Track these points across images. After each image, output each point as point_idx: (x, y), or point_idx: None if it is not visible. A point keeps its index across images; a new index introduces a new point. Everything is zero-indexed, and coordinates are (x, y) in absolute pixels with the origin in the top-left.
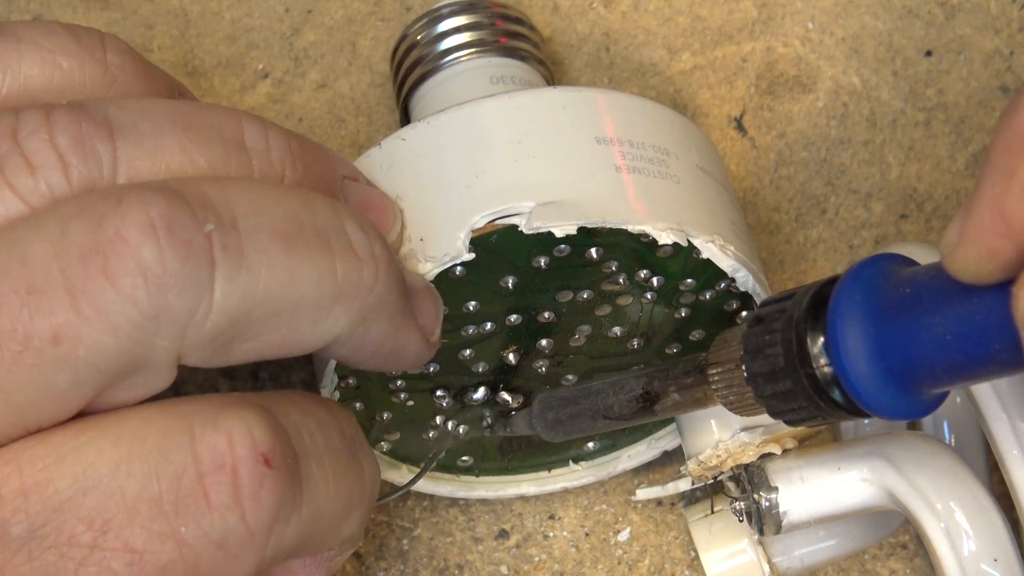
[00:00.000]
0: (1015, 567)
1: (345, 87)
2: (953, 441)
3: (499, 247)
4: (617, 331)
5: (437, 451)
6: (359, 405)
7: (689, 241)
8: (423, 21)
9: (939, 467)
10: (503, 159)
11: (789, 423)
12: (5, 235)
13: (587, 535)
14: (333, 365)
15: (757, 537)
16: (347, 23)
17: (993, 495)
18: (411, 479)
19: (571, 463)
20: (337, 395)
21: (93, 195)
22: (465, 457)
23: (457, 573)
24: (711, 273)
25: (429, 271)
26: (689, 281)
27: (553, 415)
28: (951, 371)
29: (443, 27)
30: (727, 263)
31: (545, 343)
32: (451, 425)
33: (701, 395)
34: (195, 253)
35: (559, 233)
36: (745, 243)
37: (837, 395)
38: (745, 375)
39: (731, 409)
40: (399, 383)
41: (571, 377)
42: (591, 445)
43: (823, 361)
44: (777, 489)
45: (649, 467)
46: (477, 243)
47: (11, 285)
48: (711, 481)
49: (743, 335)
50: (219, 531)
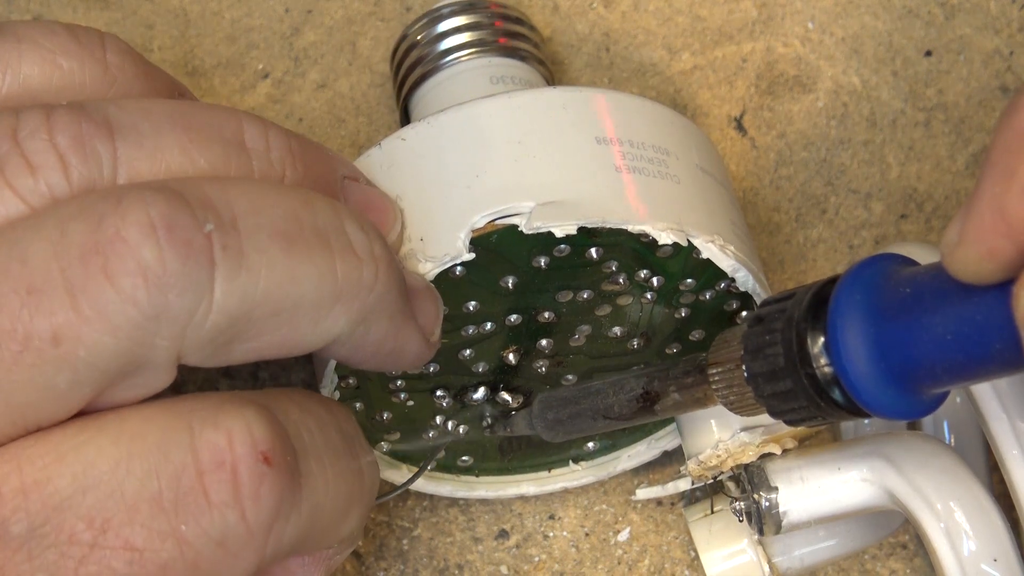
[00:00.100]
0: (1015, 567)
1: (345, 87)
2: (953, 441)
3: (499, 247)
4: (617, 331)
5: (435, 450)
6: (359, 405)
7: (689, 241)
8: (423, 21)
9: (939, 467)
10: (503, 159)
11: (789, 423)
12: (5, 235)
13: (587, 535)
14: (333, 365)
15: (757, 537)
16: (347, 23)
17: (993, 495)
18: (409, 478)
19: (571, 463)
20: (337, 395)
21: (93, 195)
22: (465, 457)
23: (457, 573)
24: (711, 273)
25: (429, 271)
26: (689, 281)
27: (553, 415)
28: (951, 371)
29: (443, 27)
30: (727, 263)
31: (545, 343)
32: (451, 425)
33: (701, 395)
34: (195, 253)
35: (559, 233)
36: (745, 243)
37: (837, 395)
38: (745, 375)
39: (731, 409)
40: (399, 383)
41: (571, 377)
42: (591, 445)
43: (823, 361)
44: (777, 489)
45: (649, 467)
46: (477, 243)
47: (11, 285)
48: (711, 481)
49: (743, 335)
50: (219, 529)
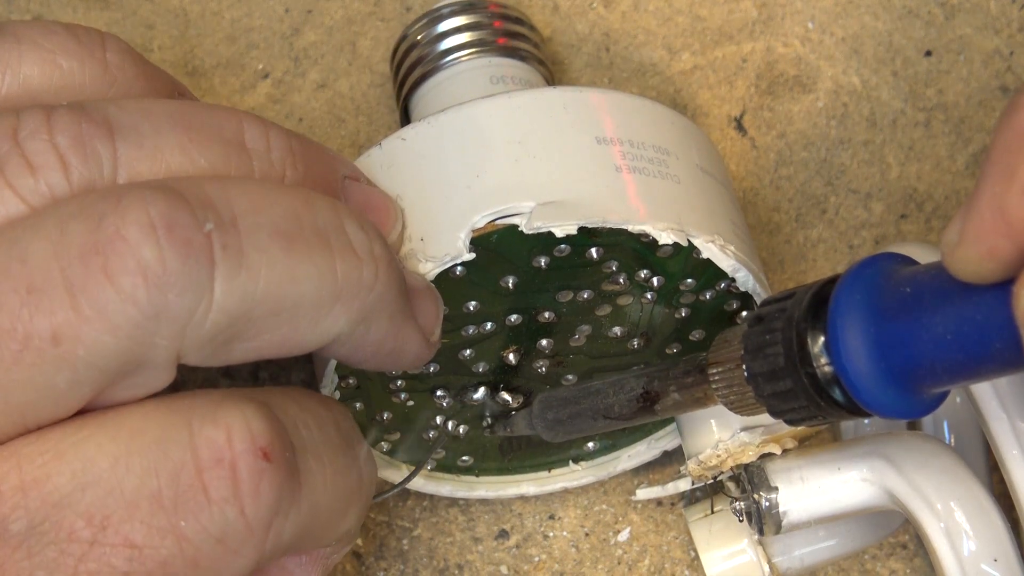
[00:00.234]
0: (1015, 567)
1: (345, 87)
2: (953, 441)
3: (499, 247)
4: (617, 331)
5: (432, 448)
6: (359, 405)
7: (689, 241)
8: (423, 21)
9: (939, 467)
10: (503, 159)
11: (789, 423)
12: (5, 234)
13: (587, 535)
14: (333, 365)
15: (757, 537)
16: (347, 23)
17: (993, 495)
18: (406, 476)
19: (571, 463)
20: (337, 395)
21: (93, 194)
22: (465, 457)
23: (457, 573)
24: (711, 273)
25: (429, 271)
26: (689, 281)
27: (553, 415)
28: (951, 370)
29: (443, 27)
30: (727, 263)
31: (545, 343)
32: (451, 425)
33: (701, 395)
34: (195, 252)
35: (559, 233)
36: (745, 243)
37: (837, 394)
38: (745, 375)
39: (731, 409)
40: (399, 383)
41: (571, 377)
42: (591, 445)
43: (823, 360)
44: (777, 489)
45: (649, 467)
46: (477, 243)
47: (11, 284)
48: (711, 481)
49: (743, 335)
50: (218, 526)
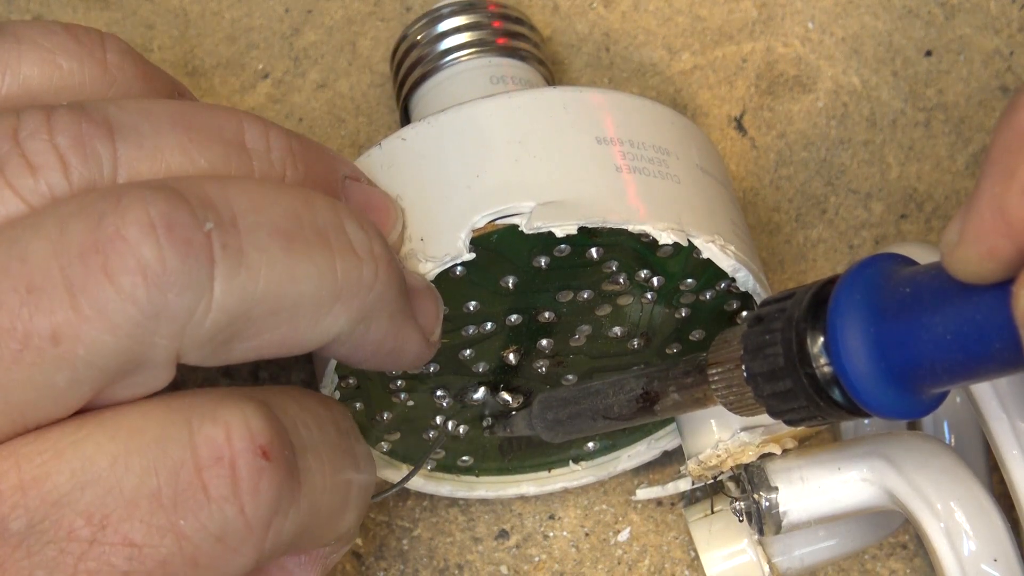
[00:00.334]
0: (1015, 567)
1: (345, 87)
2: (953, 441)
3: (499, 247)
4: (617, 331)
5: (432, 448)
6: (359, 405)
7: (689, 241)
8: (423, 21)
9: (939, 467)
10: (503, 159)
11: (789, 423)
12: (5, 233)
13: (587, 535)
14: (334, 365)
15: (757, 537)
16: (347, 23)
17: (993, 495)
18: (405, 476)
19: (571, 463)
20: (337, 395)
21: (93, 194)
22: (465, 457)
23: (457, 573)
24: (711, 273)
25: (429, 271)
26: (689, 281)
27: (553, 415)
28: (951, 370)
29: (443, 27)
30: (727, 263)
31: (545, 343)
32: (451, 425)
33: (701, 395)
34: (195, 252)
35: (559, 233)
36: (745, 243)
37: (837, 395)
38: (745, 375)
39: (731, 409)
40: (399, 383)
41: (571, 377)
42: (591, 445)
43: (823, 360)
44: (777, 489)
45: (649, 467)
46: (477, 243)
47: (11, 283)
48: (711, 481)
49: (743, 335)
50: (218, 524)
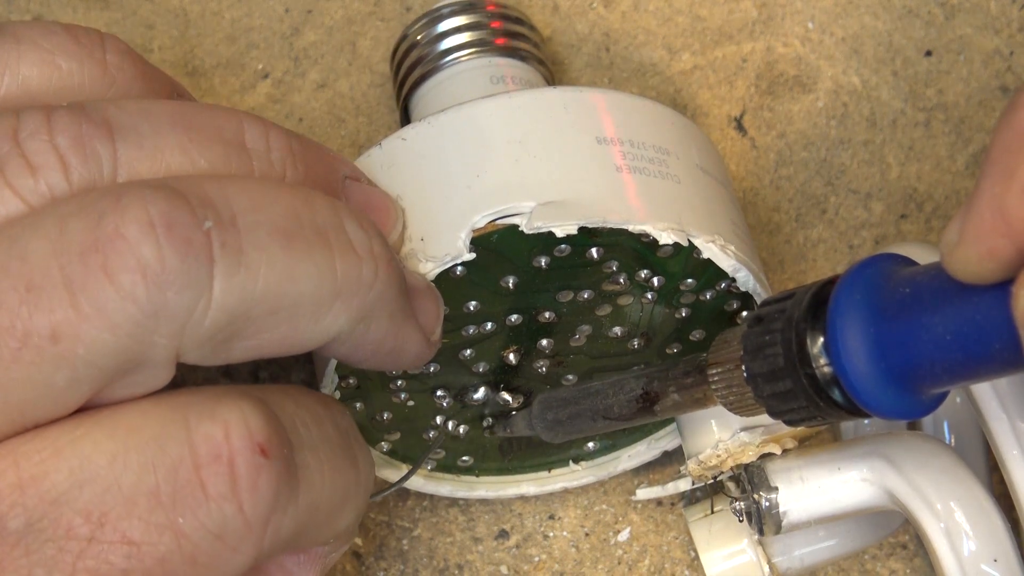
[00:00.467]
0: (1015, 567)
1: (345, 87)
2: (953, 441)
3: (500, 247)
4: (617, 331)
5: (431, 447)
6: (359, 405)
7: (690, 241)
8: (423, 21)
9: (939, 467)
10: (504, 159)
11: (788, 423)
12: (5, 232)
13: (587, 535)
14: (334, 364)
15: (757, 537)
16: (347, 23)
17: (993, 495)
18: (404, 475)
19: (571, 463)
20: (338, 395)
21: (93, 193)
22: (465, 457)
23: (457, 573)
24: (711, 273)
25: (430, 271)
26: (689, 281)
27: (553, 415)
28: (951, 371)
29: (443, 27)
30: (727, 263)
31: (545, 343)
32: (451, 425)
33: (701, 395)
34: (194, 251)
35: (560, 233)
36: (745, 243)
37: (837, 395)
38: (745, 375)
39: (731, 409)
40: (399, 383)
41: (571, 377)
42: (591, 445)
43: (823, 361)
44: (777, 489)
45: (649, 467)
46: (478, 243)
47: (10, 282)
48: (711, 481)
49: (743, 335)
50: (217, 522)
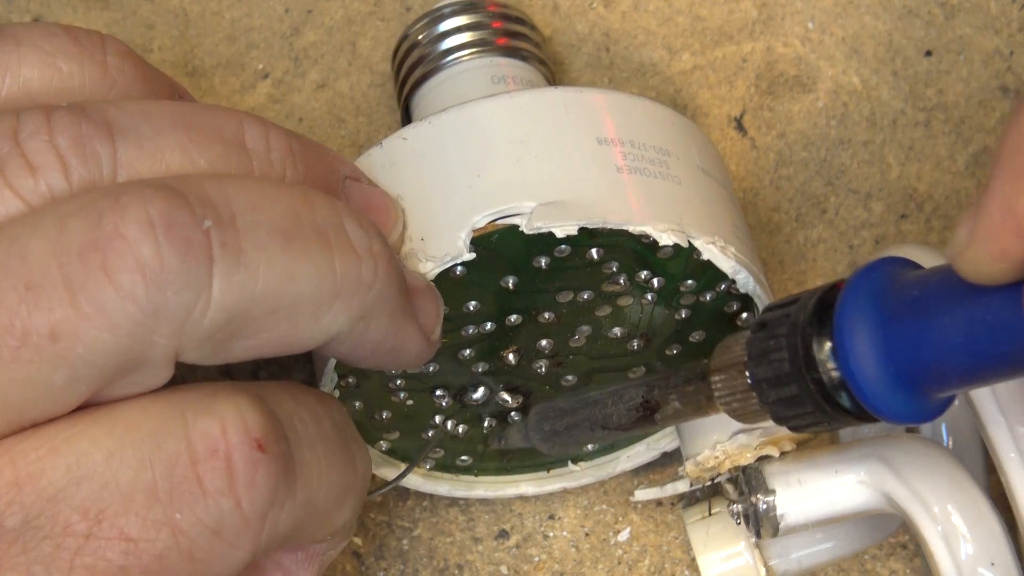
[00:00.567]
0: (1012, 571)
1: (345, 87)
2: (951, 444)
3: (500, 247)
4: (617, 332)
5: (429, 445)
6: (358, 404)
7: (690, 242)
8: (424, 21)
9: (937, 470)
10: (504, 159)
11: (793, 429)
12: (5, 232)
13: (587, 535)
14: (333, 363)
15: (754, 539)
16: (347, 23)
17: (991, 499)
18: (401, 472)
19: (570, 464)
20: (337, 393)
21: (92, 193)
22: (464, 457)
23: (457, 573)
24: (712, 274)
25: (430, 270)
26: (689, 282)
27: (550, 427)
28: (962, 373)
29: (444, 27)
30: (728, 265)
31: (545, 343)
32: (450, 424)
33: (703, 403)
34: (193, 250)
35: (560, 233)
36: (746, 244)
37: (844, 400)
38: (749, 381)
39: (734, 416)
40: (399, 382)
41: (571, 378)
42: (590, 446)
43: (830, 366)
44: (774, 492)
45: (649, 467)
46: (478, 243)
47: (10, 281)
48: (709, 483)
49: (747, 341)
50: (214, 517)
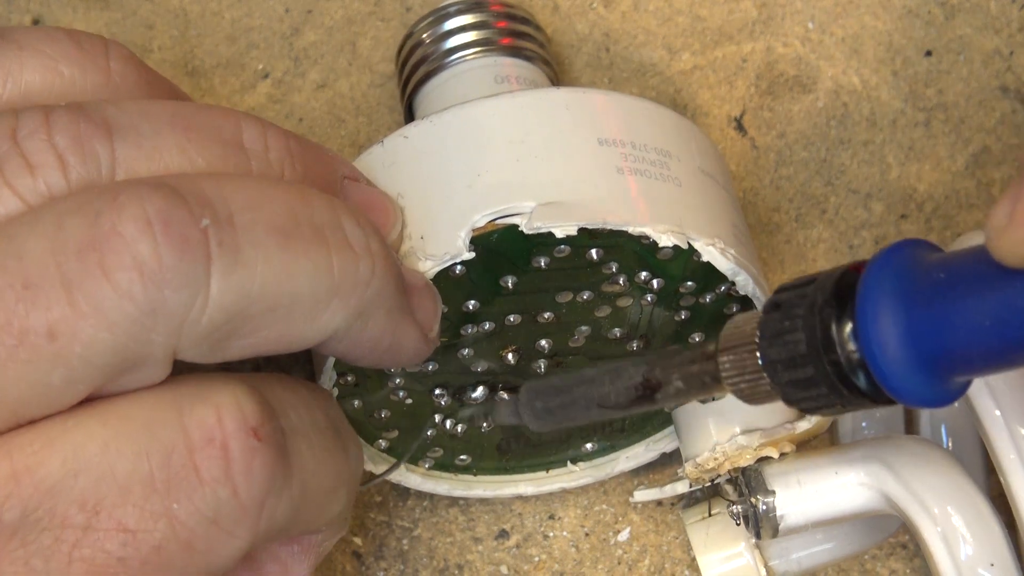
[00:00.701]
0: (1012, 572)
1: (345, 87)
2: (951, 445)
3: (499, 246)
4: (616, 332)
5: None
6: (357, 402)
7: (690, 244)
8: (428, 19)
9: (936, 471)
10: (505, 158)
11: (805, 411)
12: (3, 231)
13: (587, 535)
14: (332, 362)
15: (754, 540)
16: (347, 23)
17: (990, 500)
18: (392, 464)
19: (569, 464)
20: (336, 392)
21: (90, 191)
22: (463, 456)
23: (457, 573)
24: (711, 276)
25: (429, 269)
26: (689, 284)
27: (542, 404)
28: (986, 357)
29: (448, 26)
30: (727, 266)
31: (544, 343)
32: (449, 424)
33: (708, 383)
34: (191, 248)
35: (560, 233)
36: (746, 246)
37: (862, 381)
38: (760, 361)
39: (741, 397)
40: (397, 381)
41: None
42: (589, 446)
43: (851, 347)
44: (774, 493)
45: (648, 468)
46: (477, 242)
47: (7, 280)
48: (708, 484)
49: (759, 321)
50: (212, 507)
